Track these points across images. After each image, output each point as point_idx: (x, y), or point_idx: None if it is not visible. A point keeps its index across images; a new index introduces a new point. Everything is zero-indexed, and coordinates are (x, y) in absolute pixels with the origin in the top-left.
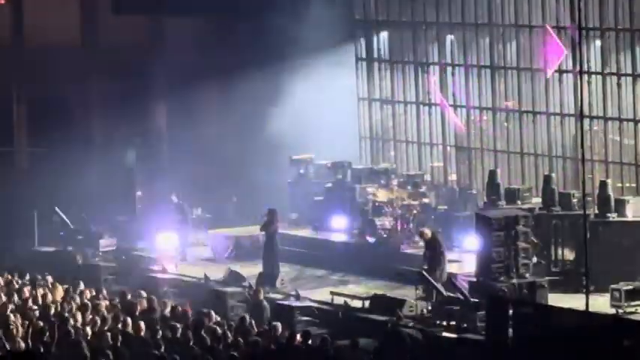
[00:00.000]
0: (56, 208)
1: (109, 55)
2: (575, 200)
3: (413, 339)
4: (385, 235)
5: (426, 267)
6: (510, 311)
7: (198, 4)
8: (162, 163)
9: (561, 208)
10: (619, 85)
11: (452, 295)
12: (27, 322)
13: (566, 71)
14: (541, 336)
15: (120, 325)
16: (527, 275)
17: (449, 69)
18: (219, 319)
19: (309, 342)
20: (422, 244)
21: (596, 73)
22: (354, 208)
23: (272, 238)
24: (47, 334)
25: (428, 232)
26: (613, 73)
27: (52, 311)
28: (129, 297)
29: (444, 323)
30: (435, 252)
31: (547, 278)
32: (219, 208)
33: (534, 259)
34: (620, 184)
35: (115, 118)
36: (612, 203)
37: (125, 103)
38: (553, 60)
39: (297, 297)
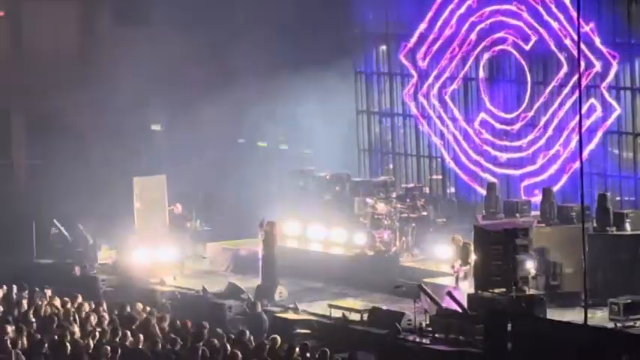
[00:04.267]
0: (54, 221)
1: (107, 66)
2: (573, 214)
3: (411, 352)
4: (383, 248)
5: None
6: (509, 325)
7: (196, 17)
8: (159, 175)
9: (560, 221)
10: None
11: (450, 308)
12: (26, 335)
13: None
14: (539, 349)
15: (119, 338)
16: (525, 288)
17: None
18: (218, 331)
19: (308, 355)
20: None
21: (595, 87)
22: (352, 221)
23: (271, 250)
24: (46, 346)
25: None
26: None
27: (51, 324)
28: (127, 309)
29: (443, 336)
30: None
31: (545, 292)
32: (218, 220)
33: (533, 272)
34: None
35: (113, 130)
36: (611, 216)
37: (123, 115)
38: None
39: (296, 310)
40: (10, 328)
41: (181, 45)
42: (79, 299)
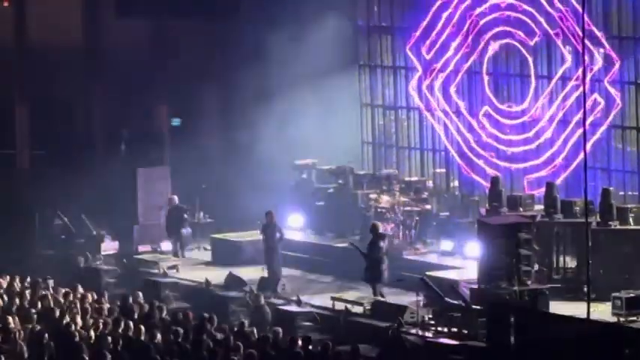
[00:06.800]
0: (58, 212)
1: (110, 57)
2: (577, 208)
3: (414, 345)
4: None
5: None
6: (512, 318)
7: (200, 8)
8: (163, 166)
9: (563, 216)
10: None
11: (453, 301)
12: (28, 326)
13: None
14: (542, 343)
15: (121, 329)
16: (528, 282)
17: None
18: (221, 323)
19: (310, 347)
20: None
21: (599, 81)
22: (355, 214)
23: (273, 242)
24: (48, 337)
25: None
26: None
27: (53, 315)
28: (130, 301)
29: (445, 330)
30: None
31: (548, 286)
32: (221, 211)
33: (536, 267)
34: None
35: (117, 120)
36: (614, 211)
37: (127, 106)
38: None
39: (299, 302)
40: (12, 319)
41: (185, 36)
42: (81, 290)
